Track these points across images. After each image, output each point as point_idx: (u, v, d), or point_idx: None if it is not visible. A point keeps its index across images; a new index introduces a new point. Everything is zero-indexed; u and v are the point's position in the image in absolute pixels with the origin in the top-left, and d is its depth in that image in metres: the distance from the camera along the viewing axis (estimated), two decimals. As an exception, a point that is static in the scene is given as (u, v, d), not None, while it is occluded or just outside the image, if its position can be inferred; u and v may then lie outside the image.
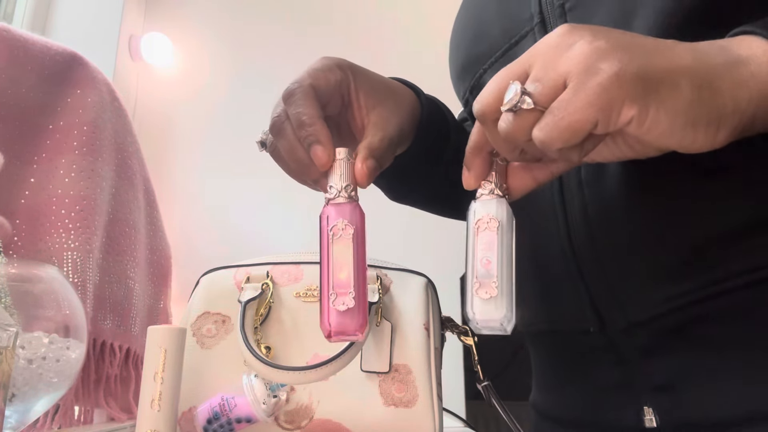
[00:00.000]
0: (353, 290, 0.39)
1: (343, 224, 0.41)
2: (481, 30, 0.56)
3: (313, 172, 0.43)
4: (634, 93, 0.30)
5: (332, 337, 0.39)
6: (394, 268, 0.58)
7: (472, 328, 0.39)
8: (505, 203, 0.40)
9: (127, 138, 0.83)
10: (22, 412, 0.48)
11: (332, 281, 0.40)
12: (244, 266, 0.59)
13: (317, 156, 0.42)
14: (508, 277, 0.38)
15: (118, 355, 0.75)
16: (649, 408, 0.44)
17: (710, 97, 0.31)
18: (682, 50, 0.32)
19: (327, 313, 0.39)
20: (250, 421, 0.51)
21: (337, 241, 0.40)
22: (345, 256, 0.40)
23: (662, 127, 0.31)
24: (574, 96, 0.31)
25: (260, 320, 0.55)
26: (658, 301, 0.42)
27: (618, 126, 0.31)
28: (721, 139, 0.32)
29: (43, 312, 0.50)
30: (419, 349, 0.53)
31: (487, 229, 0.39)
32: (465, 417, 1.11)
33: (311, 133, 0.42)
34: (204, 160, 1.55)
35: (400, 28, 1.65)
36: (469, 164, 0.41)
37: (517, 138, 0.34)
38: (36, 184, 0.70)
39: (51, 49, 0.74)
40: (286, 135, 0.44)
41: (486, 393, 0.53)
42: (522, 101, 0.33)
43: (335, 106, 0.47)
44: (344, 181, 0.42)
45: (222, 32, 1.65)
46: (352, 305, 0.39)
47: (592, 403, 0.49)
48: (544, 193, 0.49)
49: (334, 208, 0.42)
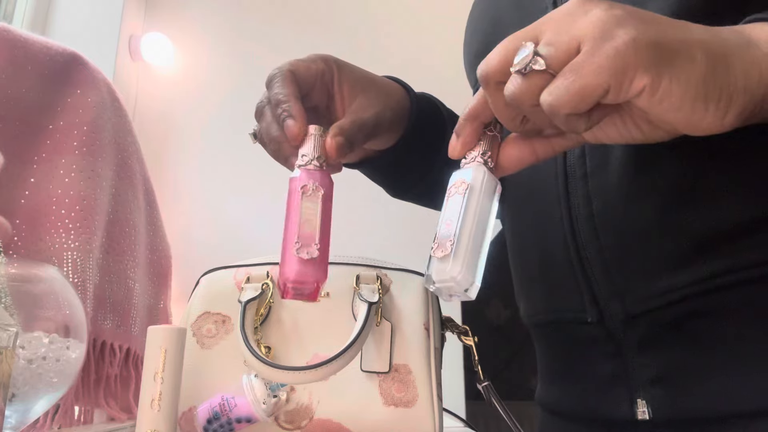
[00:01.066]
0: (318, 243, 0.39)
1: (314, 185, 0.42)
2: (497, 19, 0.56)
3: (285, 147, 0.45)
4: (649, 61, 0.30)
5: (290, 287, 0.39)
6: (394, 268, 0.58)
7: (433, 292, 0.38)
8: (483, 169, 0.38)
9: (127, 138, 0.83)
10: (22, 412, 0.48)
11: (299, 232, 0.40)
12: (244, 266, 0.59)
13: (289, 129, 0.43)
14: (470, 238, 0.36)
15: (118, 355, 0.75)
16: (642, 400, 0.44)
17: (724, 72, 0.31)
18: (696, 27, 0.32)
19: (287, 264, 0.39)
20: (250, 421, 0.51)
21: (307, 198, 0.41)
22: (312, 212, 0.41)
23: (674, 98, 0.30)
24: (588, 59, 0.30)
25: (260, 320, 0.55)
26: (657, 293, 0.42)
27: (630, 94, 0.31)
28: (730, 120, 0.32)
29: (43, 312, 0.50)
30: (419, 349, 0.53)
31: (456, 193, 0.38)
32: (465, 417, 1.11)
33: (285, 109, 0.44)
34: (204, 160, 1.55)
35: (401, 29, 1.65)
36: (460, 131, 0.40)
37: (524, 101, 0.33)
38: (36, 184, 0.70)
39: (51, 49, 0.74)
40: (265, 116, 0.46)
41: (486, 393, 0.53)
42: (534, 61, 0.32)
43: (321, 98, 0.49)
44: (316, 152, 0.43)
45: (222, 32, 1.65)
46: (315, 255, 0.39)
47: (588, 395, 0.50)
48: (549, 183, 0.49)
49: (305, 172, 0.43)
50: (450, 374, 0.94)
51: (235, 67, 1.62)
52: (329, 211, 0.42)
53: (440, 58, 1.16)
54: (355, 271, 0.56)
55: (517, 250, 0.57)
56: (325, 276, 0.40)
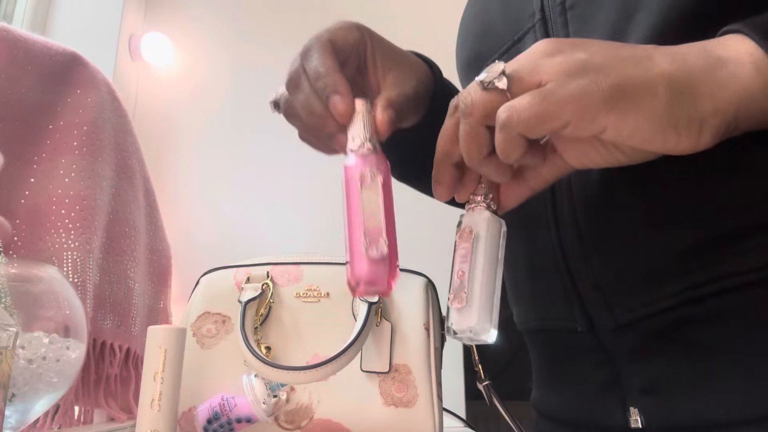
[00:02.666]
0: (385, 237, 0.36)
1: (372, 173, 0.38)
2: (487, 25, 0.56)
3: (330, 124, 0.42)
4: (613, 102, 0.31)
5: (361, 289, 0.36)
6: (394, 268, 0.58)
7: (456, 339, 0.39)
8: (487, 214, 0.39)
9: (127, 138, 0.83)
10: (22, 412, 0.48)
11: (364, 229, 0.36)
12: (244, 266, 0.59)
13: (336, 107, 0.40)
14: (482, 287, 0.37)
15: (118, 355, 0.75)
16: (635, 409, 0.44)
17: (689, 100, 0.32)
18: (660, 57, 0.33)
19: (357, 263, 0.36)
20: (250, 421, 0.51)
21: (366, 188, 0.38)
22: (375, 203, 0.37)
23: (643, 132, 0.32)
24: (556, 89, 0.32)
25: (260, 320, 0.55)
26: (645, 302, 0.42)
27: (590, 132, 0.32)
28: (706, 140, 0.33)
29: (43, 312, 0.50)
30: (419, 349, 0.53)
31: (464, 241, 0.39)
32: (465, 417, 1.11)
33: (329, 84, 0.41)
34: (204, 160, 1.55)
35: (402, 29, 1.65)
36: (438, 176, 0.40)
37: (474, 112, 0.34)
38: (36, 184, 0.70)
39: (51, 49, 0.74)
40: (302, 88, 0.42)
41: (486, 392, 0.53)
42: (499, 79, 0.33)
43: (351, 67, 0.46)
44: (366, 132, 0.40)
45: (222, 32, 1.65)
46: (385, 252, 0.36)
47: (581, 402, 0.49)
48: (536, 194, 0.49)
49: (360, 158, 0.39)
50: (450, 374, 0.94)
51: (235, 67, 1.62)
52: (391, 199, 0.38)
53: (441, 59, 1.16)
54: (355, 271, 0.56)
55: (507, 259, 0.57)
56: (397, 271, 0.37)
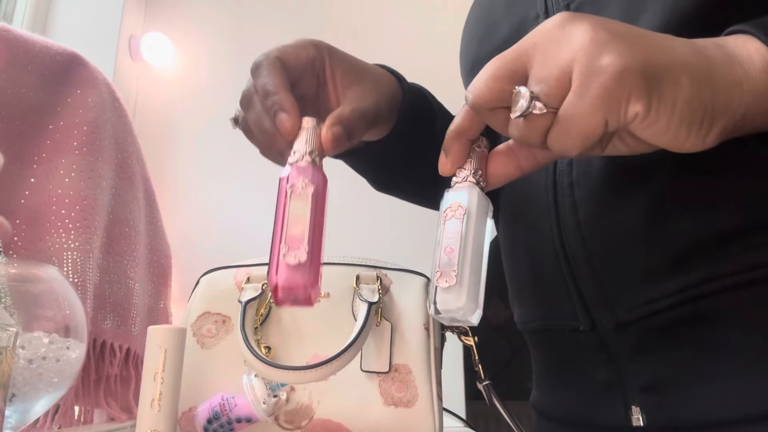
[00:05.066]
0: (307, 246, 0.36)
1: (304, 183, 0.38)
2: (491, 26, 0.56)
3: (278, 142, 0.42)
4: (639, 89, 0.30)
5: (280, 294, 0.36)
6: (393, 269, 0.58)
7: (436, 318, 0.37)
8: (477, 190, 0.39)
9: (127, 138, 0.83)
10: (22, 412, 0.48)
11: (285, 235, 0.37)
12: (245, 266, 0.59)
13: (282, 124, 0.41)
14: (471, 266, 0.36)
15: (118, 355, 0.75)
16: (636, 407, 0.44)
17: (708, 94, 0.31)
18: (681, 45, 0.32)
19: (275, 268, 0.36)
20: (250, 420, 0.51)
21: (295, 197, 0.38)
22: (302, 212, 0.37)
23: (660, 123, 0.31)
24: (578, 101, 0.30)
25: (260, 320, 0.55)
26: (647, 301, 0.42)
27: (627, 121, 0.31)
28: (711, 140, 0.32)
29: (43, 312, 0.50)
30: (419, 349, 0.53)
31: (453, 217, 0.38)
32: (465, 417, 1.11)
33: (276, 101, 0.41)
34: (204, 160, 1.55)
35: (402, 29, 1.65)
36: (448, 149, 0.40)
37: (532, 141, 0.34)
38: (36, 184, 0.70)
39: (51, 49, 0.74)
40: (253, 106, 0.43)
41: (486, 392, 0.53)
42: (533, 106, 0.32)
43: (310, 85, 0.46)
44: (309, 146, 0.41)
45: (222, 32, 1.65)
46: (303, 259, 0.36)
47: (583, 401, 0.50)
48: (539, 192, 0.49)
49: (295, 169, 0.39)
50: (450, 374, 0.94)
51: (235, 67, 1.61)
52: (322, 210, 0.38)
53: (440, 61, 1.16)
54: (354, 271, 0.56)
55: (509, 257, 0.57)
56: (317, 280, 0.37)
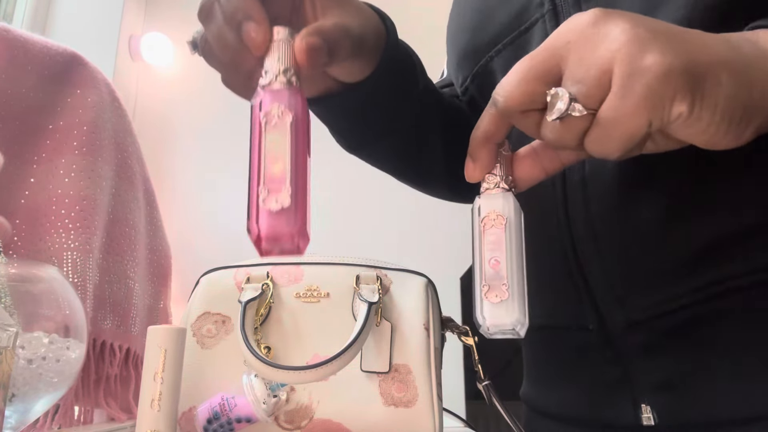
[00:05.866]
0: (289, 186, 0.31)
1: (280, 110, 0.33)
2: (485, 15, 0.53)
3: (246, 59, 0.35)
4: (683, 89, 0.29)
5: (264, 245, 0.31)
6: (393, 269, 0.58)
7: (483, 334, 0.36)
8: (511, 197, 0.37)
9: (127, 138, 0.83)
10: (22, 412, 0.48)
11: (263, 175, 0.31)
12: (245, 266, 0.59)
13: (249, 35, 0.34)
14: (519, 278, 0.35)
15: (118, 355, 0.75)
16: (647, 406, 0.44)
17: (746, 92, 0.30)
18: (717, 42, 0.31)
19: (255, 215, 0.31)
20: (250, 420, 0.51)
21: (271, 129, 0.32)
22: (281, 146, 0.32)
23: (702, 123, 0.30)
24: (621, 103, 0.29)
25: (260, 320, 0.55)
26: (658, 300, 0.42)
27: (671, 122, 0.30)
28: (746, 137, 0.31)
29: (43, 312, 0.50)
30: (419, 349, 0.53)
31: (494, 227, 0.36)
32: (465, 417, 1.11)
33: (240, 8, 0.34)
34: (204, 160, 1.55)
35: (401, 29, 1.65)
36: (475, 155, 0.37)
37: (568, 144, 0.32)
38: (36, 184, 0.70)
39: (51, 49, 0.74)
40: (214, 18, 0.35)
41: (486, 392, 0.53)
42: (572, 108, 0.30)
43: (283, 6, 0.39)
44: (282, 63, 0.34)
45: (222, 32, 1.65)
46: (287, 204, 0.31)
47: (589, 400, 0.49)
48: (547, 189, 0.48)
49: (269, 94, 0.33)
50: (450, 374, 0.94)
51: (235, 67, 1.62)
52: (304, 141, 0.33)
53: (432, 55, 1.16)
54: (354, 271, 0.56)
55: None
56: (304, 226, 0.32)
